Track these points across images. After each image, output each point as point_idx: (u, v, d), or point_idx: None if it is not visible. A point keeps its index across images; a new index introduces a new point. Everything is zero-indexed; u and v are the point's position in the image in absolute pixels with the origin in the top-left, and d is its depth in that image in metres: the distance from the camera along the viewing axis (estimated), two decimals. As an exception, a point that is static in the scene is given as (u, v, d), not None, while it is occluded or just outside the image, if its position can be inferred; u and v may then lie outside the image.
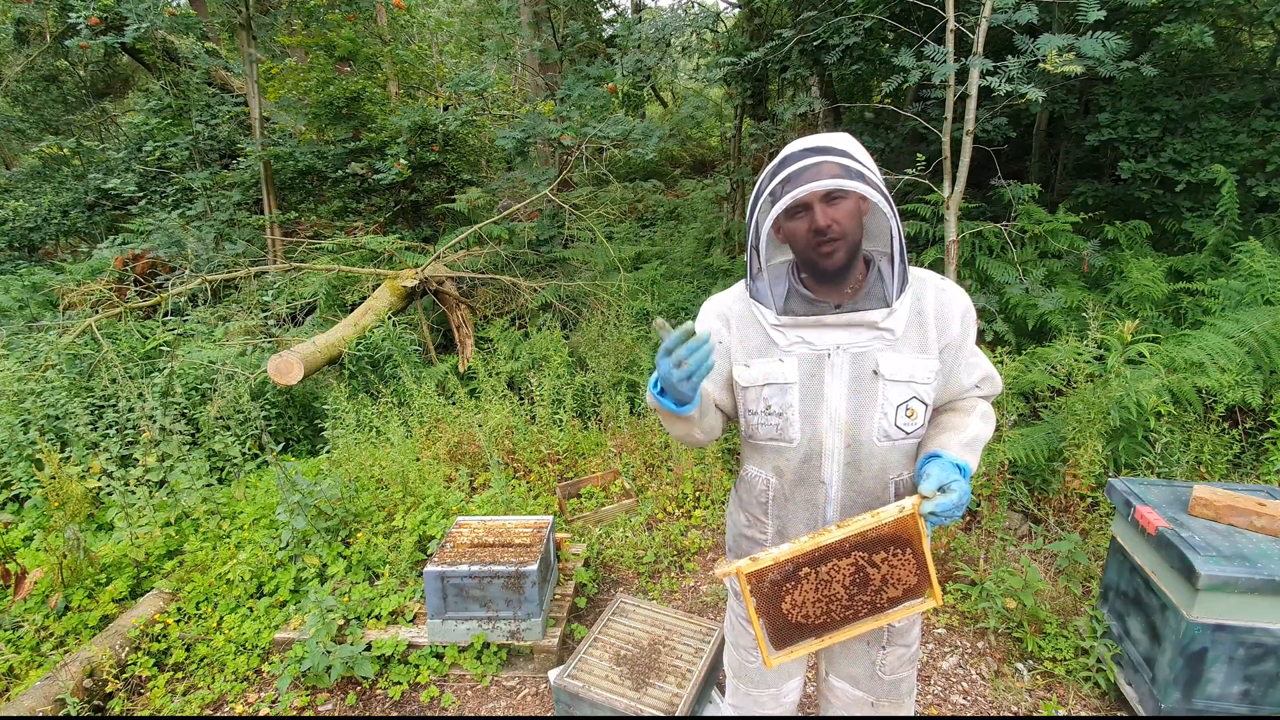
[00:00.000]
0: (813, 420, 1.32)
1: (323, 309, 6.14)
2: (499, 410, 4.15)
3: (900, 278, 1.27)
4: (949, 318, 1.31)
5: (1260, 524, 2.08)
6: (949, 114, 3.72)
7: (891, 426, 1.30)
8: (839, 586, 1.25)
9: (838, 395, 1.30)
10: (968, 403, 1.40)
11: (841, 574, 1.24)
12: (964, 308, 1.34)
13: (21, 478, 3.85)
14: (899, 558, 1.24)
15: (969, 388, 1.38)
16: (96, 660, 2.52)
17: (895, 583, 1.25)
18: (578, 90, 6.16)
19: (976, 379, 1.38)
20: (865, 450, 1.31)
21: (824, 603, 1.26)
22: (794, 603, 1.25)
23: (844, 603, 1.26)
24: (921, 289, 1.33)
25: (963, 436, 1.31)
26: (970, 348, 1.36)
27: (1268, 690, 2.01)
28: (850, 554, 1.23)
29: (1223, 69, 5.57)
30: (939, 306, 1.31)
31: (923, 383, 1.30)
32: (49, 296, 6.63)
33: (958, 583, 2.92)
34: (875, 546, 1.23)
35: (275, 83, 8.49)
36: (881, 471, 1.33)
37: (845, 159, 1.20)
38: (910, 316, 1.31)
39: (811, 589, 1.25)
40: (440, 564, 2.54)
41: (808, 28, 4.73)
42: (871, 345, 1.29)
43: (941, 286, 1.34)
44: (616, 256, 5.99)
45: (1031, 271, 4.29)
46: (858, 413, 1.30)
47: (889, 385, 1.28)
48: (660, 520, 3.56)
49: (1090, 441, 3.04)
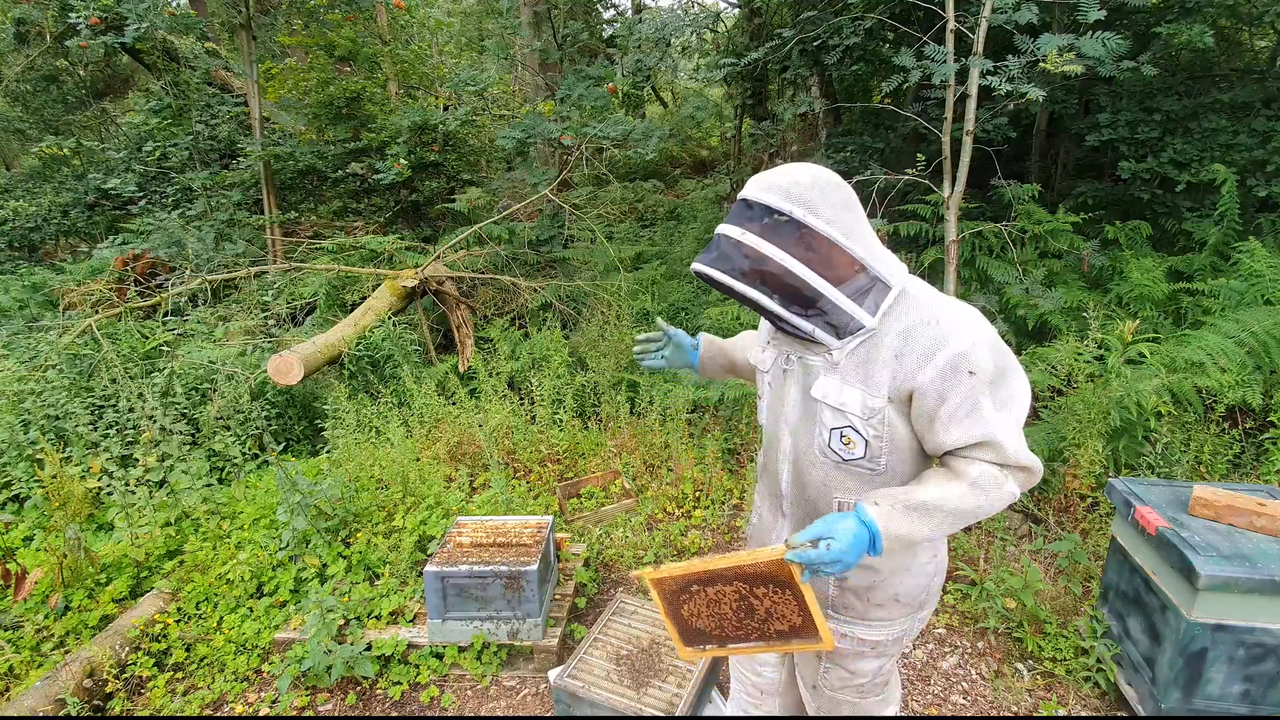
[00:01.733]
0: (774, 414, 1.42)
1: (323, 309, 6.14)
2: (499, 410, 4.15)
3: (830, 324, 1.23)
4: (917, 361, 1.17)
5: (1260, 524, 2.08)
6: (949, 114, 3.72)
7: (826, 447, 1.31)
8: (727, 608, 1.33)
9: (792, 400, 1.37)
10: (961, 464, 1.20)
11: (727, 598, 1.31)
12: (952, 354, 1.14)
13: (22, 478, 3.85)
14: (779, 596, 1.25)
15: (955, 446, 1.20)
16: (96, 660, 2.52)
17: (780, 618, 1.28)
18: (578, 90, 6.16)
19: (968, 440, 1.18)
20: (809, 459, 1.36)
21: (716, 619, 1.35)
22: (691, 612, 1.38)
23: (734, 623, 1.34)
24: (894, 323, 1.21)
25: (911, 497, 1.17)
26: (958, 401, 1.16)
27: (1268, 690, 2.01)
28: (732, 582, 1.29)
29: (1223, 69, 5.57)
30: (905, 345, 1.18)
31: (858, 416, 1.23)
32: (49, 296, 6.63)
33: (958, 583, 2.92)
34: (754, 581, 1.26)
35: (275, 83, 8.49)
36: (824, 487, 1.35)
37: (741, 231, 1.21)
38: (862, 347, 1.23)
39: (704, 604, 1.35)
40: (440, 564, 2.54)
41: (808, 28, 4.73)
42: (815, 362, 1.30)
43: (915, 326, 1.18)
44: (616, 256, 5.99)
45: (1031, 271, 4.29)
46: (803, 422, 1.35)
47: (823, 408, 1.29)
48: (660, 520, 3.56)
49: (1090, 441, 3.04)
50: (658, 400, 4.11)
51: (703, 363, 1.72)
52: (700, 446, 3.89)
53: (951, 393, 1.16)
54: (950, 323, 1.17)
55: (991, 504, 1.18)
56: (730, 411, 4.11)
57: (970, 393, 1.15)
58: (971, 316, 1.19)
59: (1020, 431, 1.21)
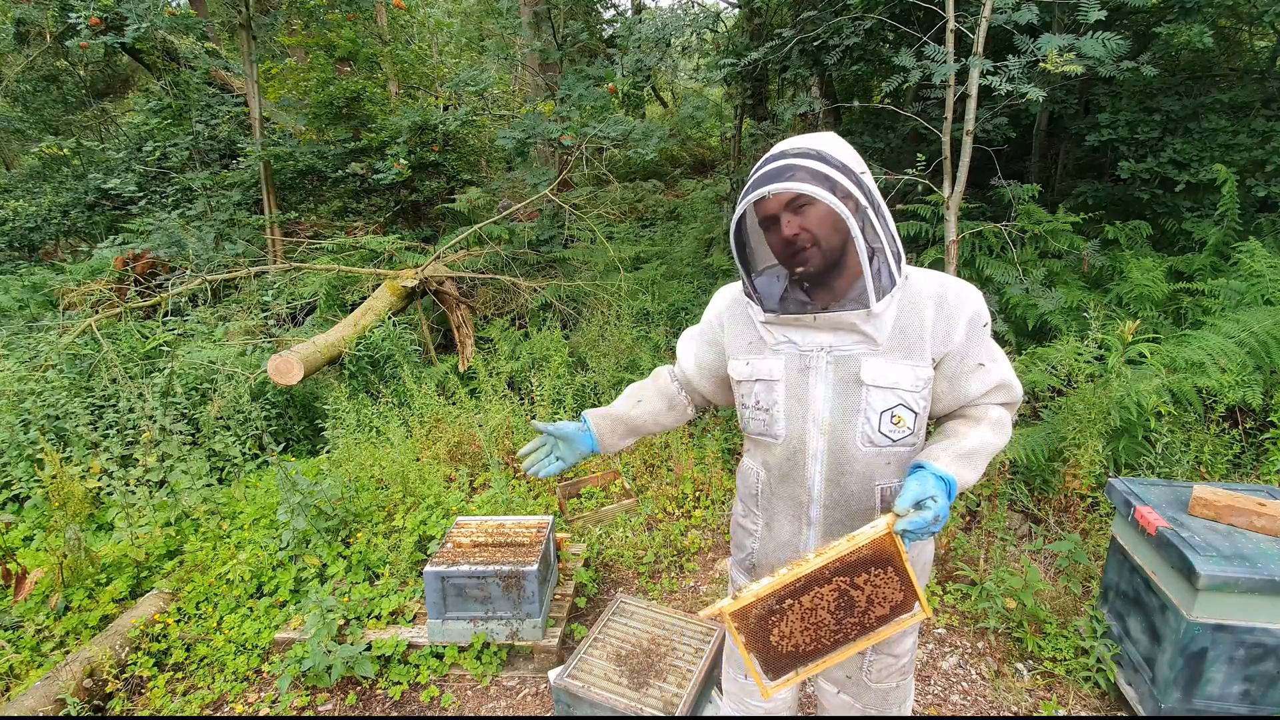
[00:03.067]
0: (797, 419, 1.33)
1: (323, 309, 6.14)
2: (499, 410, 4.15)
3: (879, 280, 1.22)
4: (950, 325, 1.25)
5: (1260, 524, 2.08)
6: (949, 114, 3.72)
7: (875, 432, 1.28)
8: (825, 613, 1.24)
9: (822, 397, 1.30)
10: (979, 410, 1.33)
11: (826, 600, 1.23)
12: (972, 314, 1.26)
13: (22, 478, 3.85)
14: (881, 577, 1.22)
15: (977, 396, 1.31)
16: (96, 660, 2.52)
17: (881, 601, 1.24)
18: (578, 90, 6.16)
19: (988, 387, 1.30)
20: (849, 454, 1.30)
21: (812, 630, 1.25)
22: (782, 634, 1.25)
23: (832, 628, 1.25)
24: (919, 293, 1.26)
25: (960, 446, 1.25)
26: (980, 355, 1.29)
27: (1268, 690, 2.01)
28: (832, 580, 1.22)
29: (1223, 69, 5.58)
30: (939, 314, 1.25)
31: (910, 390, 1.26)
32: (49, 296, 6.63)
33: (958, 583, 2.92)
34: (856, 569, 1.21)
35: (275, 83, 8.49)
36: (867, 477, 1.32)
37: (816, 162, 1.17)
38: (900, 321, 1.26)
39: (798, 619, 1.24)
40: (440, 564, 2.54)
41: (808, 28, 4.73)
42: (855, 349, 1.27)
43: (943, 292, 1.26)
44: (616, 256, 5.99)
45: (1031, 271, 4.29)
46: (841, 416, 1.29)
47: (872, 391, 1.27)
48: (660, 520, 3.56)
49: (1090, 441, 3.04)
50: (658, 400, 4.10)
51: (602, 440, 1.53)
52: (700, 446, 3.89)
53: (974, 347, 1.28)
54: (959, 285, 1.28)
55: (1006, 437, 1.32)
56: (730, 412, 4.11)
57: (985, 346, 1.30)
58: (960, 280, 1.31)
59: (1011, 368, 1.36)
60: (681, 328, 5.37)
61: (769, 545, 1.47)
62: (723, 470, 3.75)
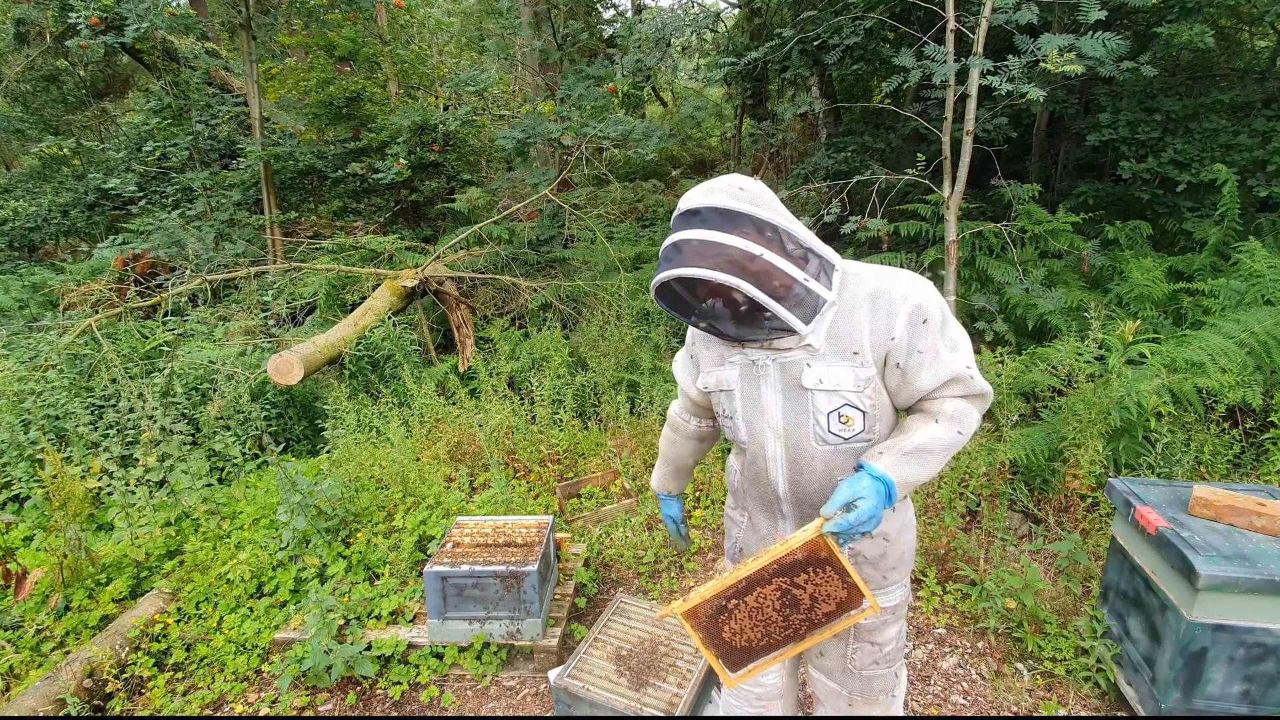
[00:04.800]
0: (755, 425, 1.40)
1: (323, 309, 6.14)
2: (499, 410, 4.15)
3: (801, 308, 1.23)
4: (888, 321, 1.25)
5: (1260, 524, 2.08)
6: (949, 114, 3.72)
7: (826, 433, 1.32)
8: (771, 611, 1.30)
9: (773, 402, 1.36)
10: (935, 404, 1.32)
11: (770, 600, 1.29)
12: (912, 308, 1.25)
13: (22, 478, 3.85)
14: (821, 576, 1.26)
15: (932, 389, 1.30)
16: (96, 660, 2.52)
17: (825, 599, 1.28)
18: (578, 90, 6.16)
19: (940, 380, 1.28)
20: (805, 454, 1.36)
21: (761, 626, 1.31)
22: (733, 631, 1.32)
23: (780, 624, 1.31)
24: (854, 295, 1.28)
25: (905, 444, 1.27)
26: (927, 347, 1.27)
27: (1268, 690, 2.01)
28: (772, 580, 1.27)
29: (1223, 69, 5.58)
30: (873, 311, 1.26)
31: (853, 390, 1.29)
32: (49, 296, 6.63)
33: (958, 583, 2.92)
34: (794, 570, 1.26)
35: (275, 83, 8.49)
36: (826, 474, 1.37)
37: (706, 231, 1.19)
38: (836, 325, 1.28)
39: (745, 616, 1.30)
40: (440, 564, 2.54)
41: (808, 28, 4.74)
42: (797, 356, 1.31)
43: (879, 290, 1.27)
44: (616, 256, 5.99)
45: (1031, 271, 4.29)
46: (793, 419, 1.35)
47: (816, 395, 1.31)
48: (660, 520, 3.56)
49: (1091, 441, 3.03)
50: (658, 400, 4.11)
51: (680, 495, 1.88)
52: (700, 446, 3.88)
53: (918, 341, 1.26)
54: (899, 280, 1.28)
55: (966, 432, 1.31)
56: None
57: (931, 339, 1.27)
58: (910, 274, 1.31)
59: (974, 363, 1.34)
60: (681, 327, 5.37)
61: (752, 537, 1.56)
62: (722, 470, 3.74)
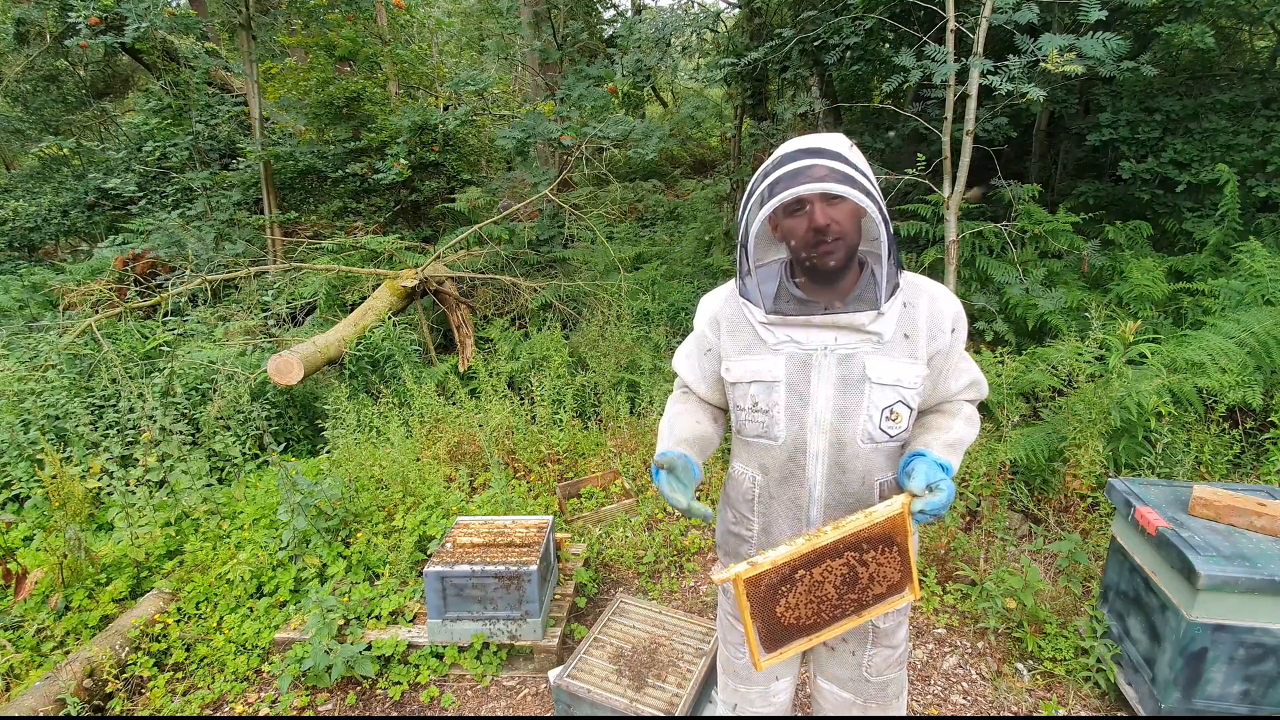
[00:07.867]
0: (798, 419, 1.33)
1: (323, 309, 6.14)
2: (499, 410, 4.15)
3: (890, 282, 1.27)
4: (940, 326, 1.32)
5: (1260, 524, 2.08)
6: (949, 114, 3.72)
7: (876, 429, 1.31)
8: (830, 587, 1.27)
9: (824, 396, 1.31)
10: (953, 405, 1.42)
11: (834, 574, 1.26)
12: (955, 315, 1.34)
13: (22, 478, 3.85)
14: (886, 555, 1.27)
15: (955, 393, 1.40)
16: (96, 660, 2.52)
17: (880, 580, 1.28)
18: (578, 90, 6.16)
19: (964, 384, 1.40)
20: (849, 451, 1.32)
21: (815, 604, 1.27)
22: (788, 605, 1.26)
23: (834, 602, 1.28)
24: (915, 295, 1.32)
25: (946, 437, 1.34)
26: (959, 354, 1.37)
27: (1268, 690, 2.01)
28: (843, 554, 1.25)
29: (1223, 69, 5.58)
30: (931, 315, 1.32)
31: (909, 387, 1.30)
32: (49, 296, 6.63)
33: (958, 583, 2.92)
34: (866, 546, 1.25)
35: (275, 83, 8.49)
36: (865, 474, 1.35)
37: (840, 163, 1.19)
38: (900, 322, 1.30)
39: (805, 591, 1.26)
40: (440, 564, 2.54)
41: (808, 28, 4.73)
42: (859, 348, 1.29)
43: (935, 295, 1.34)
44: (616, 256, 5.99)
45: (1031, 271, 4.29)
46: (843, 414, 1.31)
47: (875, 388, 1.29)
48: (660, 520, 3.56)
49: (1091, 442, 3.03)
50: (658, 400, 4.11)
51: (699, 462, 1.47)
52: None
53: (956, 347, 1.36)
54: (944, 288, 1.37)
55: (978, 430, 1.43)
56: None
57: (960, 347, 1.38)
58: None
59: None
60: (681, 327, 5.37)
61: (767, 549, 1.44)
62: (722, 470, 3.74)
